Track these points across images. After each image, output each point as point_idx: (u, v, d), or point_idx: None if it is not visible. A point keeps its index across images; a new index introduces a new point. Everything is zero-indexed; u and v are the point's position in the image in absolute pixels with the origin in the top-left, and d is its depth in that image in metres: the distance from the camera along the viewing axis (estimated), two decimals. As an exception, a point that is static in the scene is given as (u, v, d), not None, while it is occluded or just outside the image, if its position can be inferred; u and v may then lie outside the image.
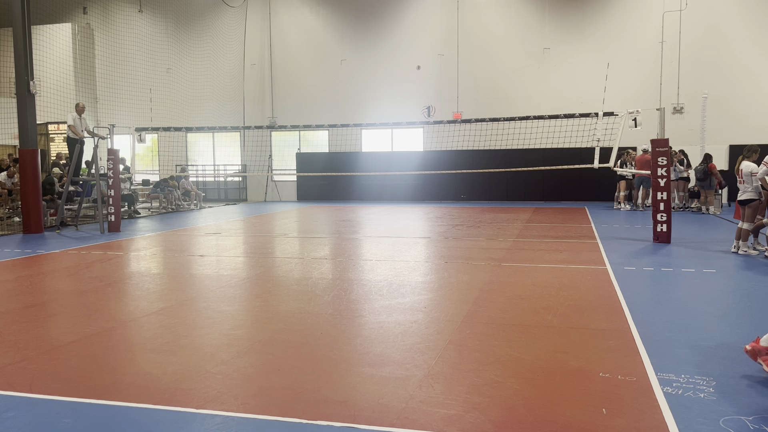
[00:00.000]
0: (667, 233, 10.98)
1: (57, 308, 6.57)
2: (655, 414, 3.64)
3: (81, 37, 24.83)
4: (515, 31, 22.23)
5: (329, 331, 5.48)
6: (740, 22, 20.23)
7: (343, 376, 4.33)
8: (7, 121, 17.87)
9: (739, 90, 20.13)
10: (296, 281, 7.90)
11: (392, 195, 22.74)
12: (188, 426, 3.55)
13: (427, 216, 16.76)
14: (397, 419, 3.60)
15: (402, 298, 6.78)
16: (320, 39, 24.04)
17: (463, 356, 4.74)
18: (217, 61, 24.09)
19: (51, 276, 8.51)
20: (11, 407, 3.85)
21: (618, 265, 8.66)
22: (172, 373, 4.42)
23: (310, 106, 23.89)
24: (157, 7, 24.90)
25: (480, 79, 22.46)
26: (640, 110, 11.94)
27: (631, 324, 5.58)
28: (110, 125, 14.65)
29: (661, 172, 11.07)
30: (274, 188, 24.83)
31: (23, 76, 13.38)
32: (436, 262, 9.19)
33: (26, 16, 13.41)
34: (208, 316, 6.09)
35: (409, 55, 23.10)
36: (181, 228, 14.57)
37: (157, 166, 25.23)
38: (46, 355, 4.88)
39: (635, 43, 21.06)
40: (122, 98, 22.60)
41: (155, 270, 8.94)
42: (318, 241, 11.91)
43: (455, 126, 20.45)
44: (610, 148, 13.35)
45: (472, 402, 3.84)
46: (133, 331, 5.62)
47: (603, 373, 4.32)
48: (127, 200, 17.32)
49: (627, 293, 6.85)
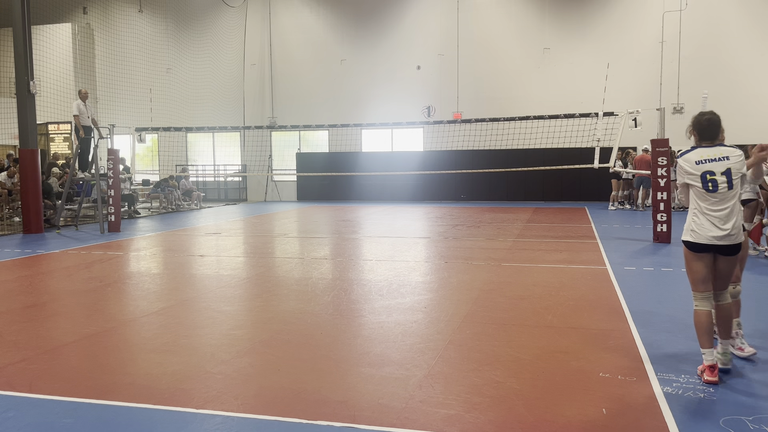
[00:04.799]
0: (667, 233, 10.98)
1: (57, 308, 6.57)
2: (655, 414, 3.64)
3: (81, 37, 24.82)
4: (515, 31, 22.23)
5: (329, 331, 5.48)
6: (740, 22, 20.22)
7: (343, 376, 4.33)
8: (7, 121, 17.87)
9: (739, 90, 20.13)
10: (296, 281, 7.89)
11: (392, 195, 22.74)
12: (188, 426, 3.55)
13: (427, 216, 16.75)
14: (397, 419, 3.60)
15: (402, 298, 6.78)
16: (320, 39, 24.04)
17: (463, 356, 4.74)
18: (217, 61, 24.08)
19: (51, 276, 8.51)
20: (11, 407, 3.85)
21: (618, 265, 8.66)
22: (172, 373, 4.42)
23: (310, 106, 23.88)
24: (157, 7, 24.89)
25: (480, 79, 22.45)
26: (640, 110, 11.95)
27: (631, 324, 5.58)
28: (110, 125, 14.64)
29: (661, 172, 11.07)
30: (274, 188, 24.82)
31: (23, 76, 13.38)
32: (436, 262, 9.18)
33: (26, 16, 13.40)
34: (208, 316, 6.09)
35: (409, 55, 23.10)
36: (181, 228, 14.57)
37: (157, 166, 25.22)
38: (46, 355, 4.88)
39: (635, 43, 21.05)
40: (122, 98, 22.58)
41: (155, 270, 8.94)
42: (318, 241, 11.91)
43: (455, 126, 20.43)
44: (610, 148, 13.35)
45: (472, 402, 3.84)
46: (133, 331, 5.62)
47: (603, 373, 4.32)
48: (127, 200, 17.32)
49: (627, 293, 6.85)
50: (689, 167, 4.25)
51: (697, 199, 4.24)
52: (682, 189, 4.36)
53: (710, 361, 4.11)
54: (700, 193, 4.22)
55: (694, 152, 4.29)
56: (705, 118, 4.33)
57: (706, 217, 4.19)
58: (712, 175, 4.17)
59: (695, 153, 4.28)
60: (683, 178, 4.30)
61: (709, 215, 4.17)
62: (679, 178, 4.34)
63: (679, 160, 4.33)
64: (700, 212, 4.23)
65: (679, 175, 4.33)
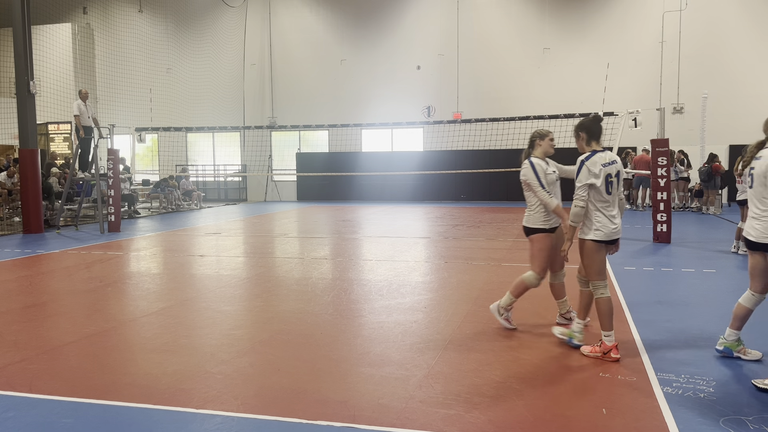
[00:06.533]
0: (667, 233, 10.98)
1: (57, 308, 6.56)
2: (655, 414, 3.64)
3: (81, 37, 24.82)
4: (515, 31, 22.23)
5: (329, 331, 5.48)
6: (740, 22, 20.23)
7: (343, 376, 4.33)
8: (7, 121, 17.87)
9: (739, 90, 20.13)
10: (296, 281, 7.89)
11: (392, 195, 22.74)
12: (188, 426, 3.55)
13: (427, 216, 16.75)
14: (397, 419, 3.60)
15: (402, 298, 6.78)
16: (320, 39, 24.04)
17: (463, 356, 4.74)
18: (217, 61, 24.09)
19: (51, 276, 8.51)
20: (11, 407, 3.85)
21: (618, 265, 8.66)
22: (172, 373, 4.42)
23: (309, 106, 23.89)
24: (157, 7, 24.89)
25: (480, 79, 22.46)
26: (640, 110, 11.94)
27: (631, 324, 5.58)
28: (110, 125, 14.64)
29: (661, 172, 11.07)
30: (274, 188, 24.82)
31: (23, 76, 13.38)
32: (436, 262, 9.18)
33: (26, 16, 13.41)
34: (208, 316, 6.09)
35: (409, 55, 23.10)
36: (181, 228, 14.57)
37: (157, 166, 25.23)
38: (46, 355, 4.88)
39: (635, 43, 21.06)
40: (122, 98, 22.59)
41: (155, 270, 8.94)
42: (318, 241, 11.91)
43: (455, 126, 20.44)
44: (610, 148, 13.35)
45: (472, 402, 3.84)
46: (133, 331, 5.62)
47: (603, 373, 4.32)
48: (127, 200, 17.32)
49: (627, 293, 6.85)
50: (596, 170, 4.59)
51: (596, 200, 4.63)
52: (584, 189, 4.61)
53: (614, 341, 4.62)
54: (599, 194, 4.61)
55: (598, 156, 4.65)
56: (599, 122, 4.78)
57: (605, 215, 4.63)
58: (610, 177, 4.63)
59: (599, 156, 4.65)
60: (589, 180, 4.59)
61: (607, 213, 4.63)
62: (585, 180, 4.60)
63: (587, 163, 4.62)
64: (599, 210, 4.63)
65: (585, 177, 4.61)
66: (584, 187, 4.60)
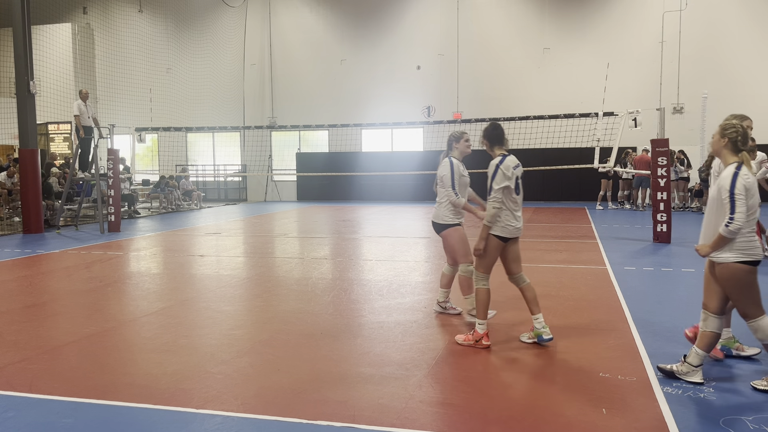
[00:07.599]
0: (667, 233, 10.98)
1: (57, 308, 6.57)
2: (655, 414, 3.64)
3: (81, 37, 24.82)
4: (515, 31, 22.23)
5: (329, 331, 5.48)
6: (740, 22, 20.23)
7: (343, 376, 4.33)
8: (7, 121, 17.87)
9: (739, 90, 20.12)
10: (296, 281, 7.89)
11: (392, 195, 22.74)
12: (188, 426, 3.55)
13: (427, 216, 16.74)
14: (397, 419, 3.60)
15: (402, 298, 6.78)
16: (320, 39, 24.04)
17: (463, 356, 4.74)
18: (217, 61, 24.09)
19: (51, 276, 8.51)
20: (11, 407, 3.85)
21: (618, 265, 8.66)
22: (172, 373, 4.42)
23: (309, 106, 23.89)
24: (157, 7, 24.89)
25: (480, 79, 22.46)
26: (640, 110, 11.94)
27: (631, 324, 5.58)
28: (110, 125, 14.64)
29: (661, 172, 11.07)
30: (274, 188, 24.82)
31: (23, 76, 13.38)
32: (436, 262, 9.18)
33: (26, 16, 13.40)
34: (208, 316, 6.09)
35: (409, 55, 23.10)
36: (181, 228, 14.57)
37: (157, 166, 25.23)
38: (46, 355, 4.88)
39: (635, 43, 21.06)
40: (122, 98, 22.59)
41: (155, 270, 8.94)
42: (318, 241, 11.91)
43: (455, 126, 20.41)
44: (610, 148, 13.35)
45: (472, 402, 3.84)
46: (132, 331, 5.62)
47: (603, 373, 4.32)
48: (127, 200, 17.32)
49: (627, 293, 6.85)
50: (509, 173, 4.89)
51: (507, 200, 4.92)
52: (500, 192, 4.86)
53: (485, 329, 4.96)
54: (510, 195, 4.92)
55: (509, 159, 4.95)
56: (497, 128, 5.09)
57: (512, 214, 4.95)
58: (518, 179, 5.01)
59: (509, 160, 4.95)
60: (504, 182, 4.87)
61: (515, 213, 4.97)
62: (501, 182, 4.86)
63: (501, 167, 4.88)
64: (508, 210, 4.92)
65: (501, 180, 4.86)
66: (500, 190, 4.86)
